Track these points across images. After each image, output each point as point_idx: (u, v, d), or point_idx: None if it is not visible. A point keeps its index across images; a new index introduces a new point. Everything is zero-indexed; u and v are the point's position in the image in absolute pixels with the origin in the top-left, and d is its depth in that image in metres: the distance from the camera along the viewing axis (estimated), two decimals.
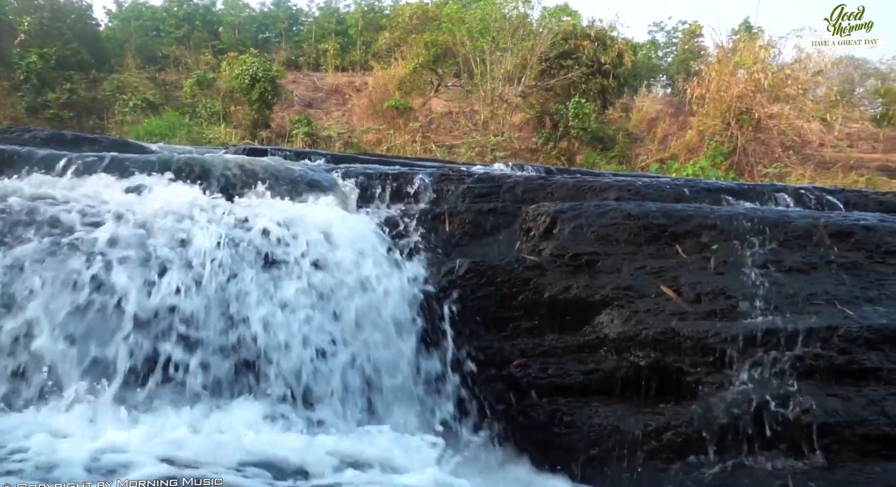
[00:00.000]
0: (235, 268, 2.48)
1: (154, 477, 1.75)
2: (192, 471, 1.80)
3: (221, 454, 1.94)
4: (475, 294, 2.83)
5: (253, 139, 16.29)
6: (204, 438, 2.05)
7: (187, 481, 1.74)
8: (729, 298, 2.67)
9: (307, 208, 2.91)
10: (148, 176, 3.05)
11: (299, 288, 2.54)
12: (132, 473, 1.77)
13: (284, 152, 4.85)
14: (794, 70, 15.52)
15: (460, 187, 3.34)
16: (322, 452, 2.11)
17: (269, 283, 2.50)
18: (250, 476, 1.87)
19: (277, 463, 1.95)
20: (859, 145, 18.02)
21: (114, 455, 1.86)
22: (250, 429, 2.16)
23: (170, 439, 2.00)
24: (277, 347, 2.36)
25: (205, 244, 2.49)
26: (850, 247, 2.86)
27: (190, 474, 1.78)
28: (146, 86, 18.98)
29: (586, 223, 2.97)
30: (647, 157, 16.75)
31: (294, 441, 2.14)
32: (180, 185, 3.04)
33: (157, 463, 1.83)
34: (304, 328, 2.46)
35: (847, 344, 2.40)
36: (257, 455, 1.97)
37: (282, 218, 2.74)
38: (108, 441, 1.92)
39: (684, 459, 2.33)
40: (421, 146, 16.53)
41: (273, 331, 2.37)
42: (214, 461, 1.90)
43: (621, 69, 17.25)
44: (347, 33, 23.78)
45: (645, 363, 2.58)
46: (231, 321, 2.37)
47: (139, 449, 1.89)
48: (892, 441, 2.23)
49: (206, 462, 1.89)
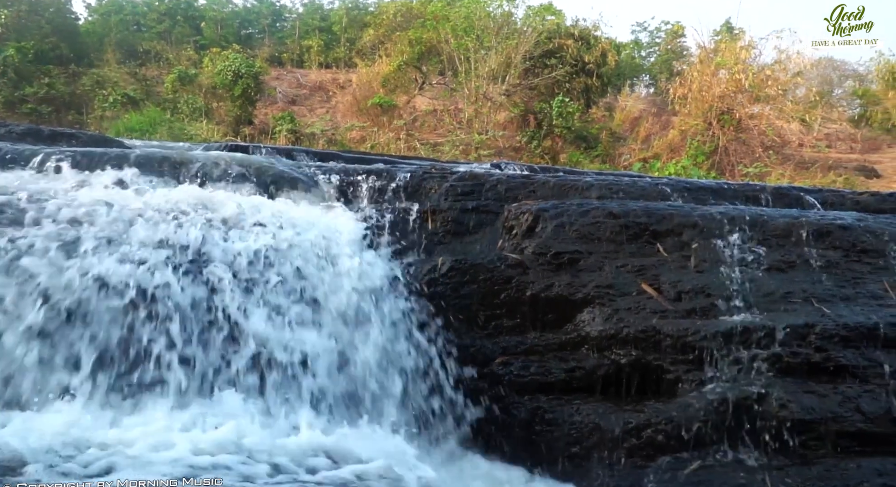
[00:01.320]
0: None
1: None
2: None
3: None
4: (457, 292, 2.83)
5: (236, 136, 16.15)
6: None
7: (187, 481, 1.74)
8: (709, 296, 2.69)
9: (286, 206, 2.89)
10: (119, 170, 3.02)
11: (278, 287, 2.52)
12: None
13: (266, 149, 4.81)
14: (775, 71, 15.72)
15: (443, 185, 3.34)
16: (300, 447, 2.10)
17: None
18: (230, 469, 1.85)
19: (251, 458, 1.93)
20: (838, 146, 18.31)
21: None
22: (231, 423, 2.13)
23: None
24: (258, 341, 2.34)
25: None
26: (828, 246, 2.90)
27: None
28: (126, 81, 18.71)
29: (568, 222, 2.98)
30: (630, 156, 16.87)
31: (271, 436, 2.12)
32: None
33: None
34: (283, 326, 2.44)
35: (823, 342, 2.44)
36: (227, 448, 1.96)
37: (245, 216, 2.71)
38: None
39: (664, 456, 2.35)
40: (405, 144, 16.49)
41: (250, 328, 2.35)
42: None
43: (605, 68, 17.35)
44: (331, 30, 23.65)
45: (626, 362, 2.60)
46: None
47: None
48: (866, 437, 2.27)
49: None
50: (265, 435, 2.10)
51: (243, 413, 2.18)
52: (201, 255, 2.48)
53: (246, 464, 1.90)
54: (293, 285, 2.51)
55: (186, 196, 2.80)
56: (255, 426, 2.13)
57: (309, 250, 2.62)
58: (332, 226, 2.83)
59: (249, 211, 2.76)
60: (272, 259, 2.54)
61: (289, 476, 1.90)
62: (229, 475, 1.82)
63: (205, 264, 2.45)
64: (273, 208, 2.84)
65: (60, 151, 3.14)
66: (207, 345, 2.28)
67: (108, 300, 2.27)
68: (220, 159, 3.27)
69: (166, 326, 2.26)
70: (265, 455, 1.98)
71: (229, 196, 2.88)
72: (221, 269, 2.45)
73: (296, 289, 2.51)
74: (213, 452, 1.93)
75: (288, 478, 1.88)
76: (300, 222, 2.74)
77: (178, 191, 2.89)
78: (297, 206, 2.96)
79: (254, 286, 2.46)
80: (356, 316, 2.58)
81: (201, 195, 2.84)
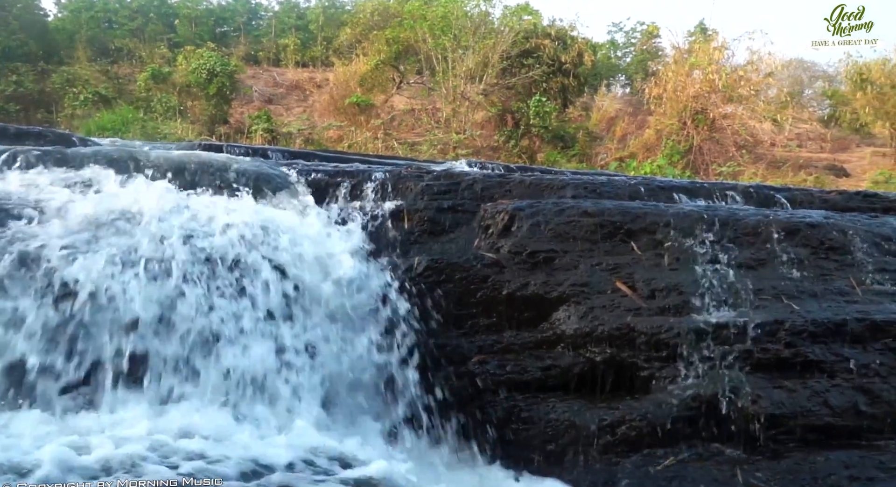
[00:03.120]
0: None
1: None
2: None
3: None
4: (433, 292, 2.83)
5: (211, 135, 15.96)
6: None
7: (187, 481, 1.72)
8: (682, 294, 2.73)
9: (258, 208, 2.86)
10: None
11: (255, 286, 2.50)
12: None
13: (241, 148, 4.76)
14: (747, 71, 16.00)
15: (419, 184, 3.33)
16: (276, 447, 2.09)
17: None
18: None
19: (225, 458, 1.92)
20: (808, 145, 18.69)
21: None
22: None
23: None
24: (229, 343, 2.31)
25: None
26: (797, 244, 2.95)
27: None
28: (98, 79, 18.38)
29: (544, 221, 3.00)
30: (606, 155, 17.03)
31: (247, 438, 2.11)
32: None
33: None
34: (261, 328, 2.41)
35: (792, 338, 2.49)
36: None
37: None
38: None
39: (638, 452, 2.38)
40: (383, 144, 16.45)
41: (222, 330, 2.32)
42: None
43: (581, 68, 17.50)
44: (308, 29, 23.49)
45: (601, 359, 2.62)
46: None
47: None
48: (834, 430, 2.32)
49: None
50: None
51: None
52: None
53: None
54: (264, 285, 2.48)
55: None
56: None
57: (282, 250, 2.59)
58: (304, 227, 2.81)
59: (205, 213, 2.69)
60: (240, 257, 2.51)
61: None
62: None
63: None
64: (239, 209, 2.79)
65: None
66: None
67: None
68: (182, 157, 3.22)
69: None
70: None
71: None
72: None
73: (268, 289, 2.48)
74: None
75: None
76: (271, 224, 2.70)
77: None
78: (267, 207, 2.93)
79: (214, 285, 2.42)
80: (331, 317, 2.57)
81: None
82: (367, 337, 2.66)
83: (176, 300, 2.31)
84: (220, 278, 2.43)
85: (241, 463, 1.89)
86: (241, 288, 2.44)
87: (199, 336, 2.29)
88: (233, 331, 2.33)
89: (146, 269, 2.35)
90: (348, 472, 2.02)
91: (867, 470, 2.19)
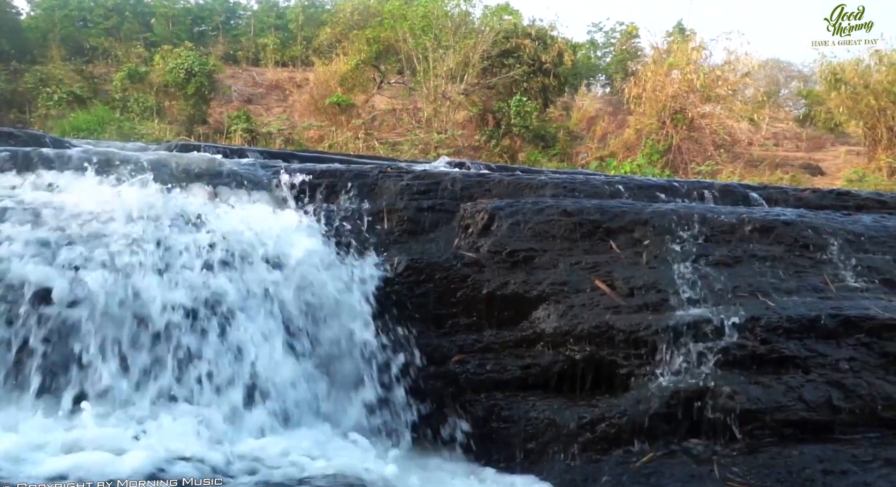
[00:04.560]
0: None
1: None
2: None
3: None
4: (413, 292, 2.83)
5: (189, 135, 15.78)
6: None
7: (187, 481, 1.72)
8: (660, 291, 2.75)
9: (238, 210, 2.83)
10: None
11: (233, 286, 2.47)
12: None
13: (219, 149, 4.71)
14: (724, 71, 16.20)
15: (399, 184, 3.32)
16: (257, 448, 2.08)
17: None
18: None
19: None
20: (784, 144, 18.98)
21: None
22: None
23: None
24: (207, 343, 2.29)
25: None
26: (772, 241, 2.99)
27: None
28: (72, 79, 18.06)
29: (523, 220, 3.01)
30: (587, 155, 17.14)
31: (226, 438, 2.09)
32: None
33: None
34: (238, 328, 2.39)
35: (768, 334, 2.52)
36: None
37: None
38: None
39: (618, 449, 2.39)
40: (364, 143, 16.40)
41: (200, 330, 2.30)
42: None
43: (561, 68, 17.59)
44: (287, 28, 23.33)
45: (580, 357, 2.63)
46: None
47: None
48: (808, 425, 2.35)
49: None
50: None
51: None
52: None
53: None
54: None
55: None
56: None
57: (257, 248, 2.57)
58: (282, 227, 2.78)
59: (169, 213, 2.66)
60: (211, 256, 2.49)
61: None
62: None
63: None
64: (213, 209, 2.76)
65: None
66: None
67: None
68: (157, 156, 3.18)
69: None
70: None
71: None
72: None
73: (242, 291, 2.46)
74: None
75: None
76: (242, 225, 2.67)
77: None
78: (242, 207, 2.90)
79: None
80: (309, 317, 2.55)
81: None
82: (347, 336, 2.65)
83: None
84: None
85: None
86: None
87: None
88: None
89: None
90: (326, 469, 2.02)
91: (840, 464, 2.23)
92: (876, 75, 14.89)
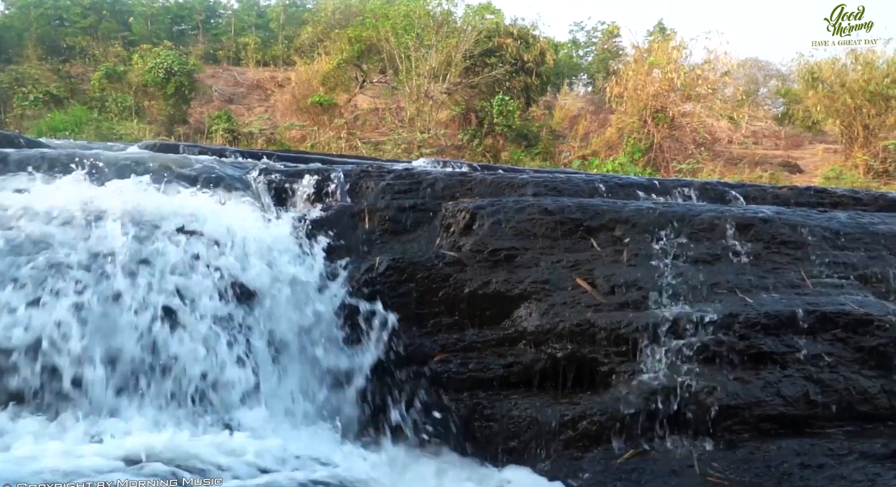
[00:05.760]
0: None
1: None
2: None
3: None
4: (395, 291, 2.82)
5: (169, 136, 15.62)
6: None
7: (187, 480, 1.72)
8: (640, 289, 2.76)
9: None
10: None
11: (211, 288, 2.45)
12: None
13: (199, 148, 4.67)
14: (704, 70, 16.37)
15: (380, 183, 3.31)
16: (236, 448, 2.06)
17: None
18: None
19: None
20: (763, 143, 19.20)
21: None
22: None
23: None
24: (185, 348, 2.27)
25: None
26: (750, 238, 3.02)
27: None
28: (49, 78, 17.80)
29: (505, 219, 3.01)
30: (569, 153, 17.22)
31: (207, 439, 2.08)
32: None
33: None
34: (216, 329, 2.37)
35: (746, 330, 2.55)
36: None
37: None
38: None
39: (599, 446, 2.41)
40: (346, 143, 16.34)
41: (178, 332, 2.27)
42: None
43: (544, 67, 17.66)
44: (268, 27, 23.17)
45: (562, 355, 2.64)
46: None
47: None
48: (786, 419, 2.38)
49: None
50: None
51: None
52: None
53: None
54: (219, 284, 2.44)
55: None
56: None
57: (239, 249, 2.55)
58: (263, 229, 2.76)
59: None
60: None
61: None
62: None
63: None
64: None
65: None
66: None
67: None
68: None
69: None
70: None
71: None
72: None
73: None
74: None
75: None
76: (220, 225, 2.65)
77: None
78: (222, 206, 2.87)
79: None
80: (289, 318, 2.54)
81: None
82: (329, 336, 2.64)
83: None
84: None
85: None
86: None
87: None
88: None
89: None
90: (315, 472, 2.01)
91: (817, 457, 2.26)
92: (852, 74, 15.13)
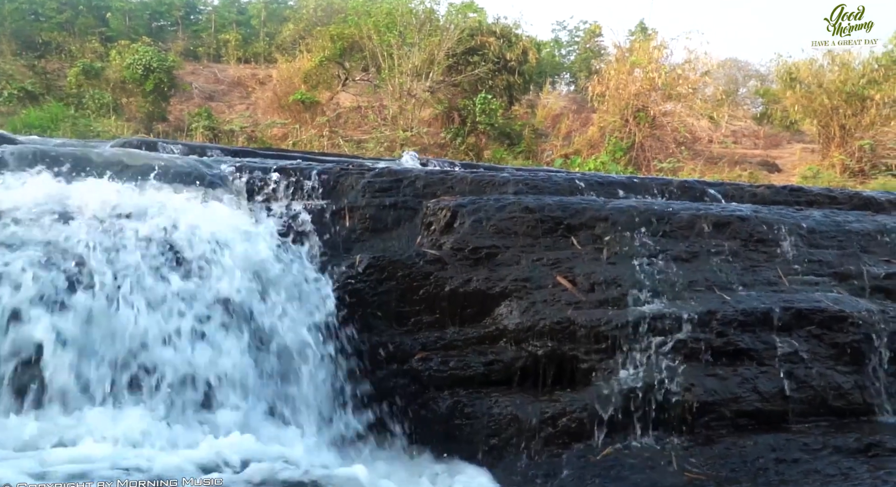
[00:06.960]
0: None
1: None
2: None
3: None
4: (376, 290, 2.81)
5: (148, 133, 15.41)
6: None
7: (187, 480, 1.72)
8: (620, 287, 2.79)
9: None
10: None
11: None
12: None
13: (177, 145, 4.61)
14: (685, 70, 16.53)
15: (360, 181, 3.29)
16: (219, 447, 2.05)
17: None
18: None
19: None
20: (743, 142, 19.45)
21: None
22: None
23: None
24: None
25: None
26: (728, 237, 3.06)
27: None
28: (23, 74, 17.45)
29: (486, 217, 3.01)
30: (552, 152, 17.30)
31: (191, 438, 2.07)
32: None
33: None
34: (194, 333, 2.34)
35: (724, 327, 2.58)
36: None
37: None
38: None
39: (578, 443, 2.42)
40: (329, 141, 16.25)
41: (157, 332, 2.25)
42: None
43: (526, 66, 17.70)
44: (250, 24, 22.95)
45: (542, 353, 2.65)
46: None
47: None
48: (762, 415, 2.42)
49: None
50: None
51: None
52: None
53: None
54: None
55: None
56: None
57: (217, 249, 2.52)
58: (242, 227, 2.73)
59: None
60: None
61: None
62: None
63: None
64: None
65: None
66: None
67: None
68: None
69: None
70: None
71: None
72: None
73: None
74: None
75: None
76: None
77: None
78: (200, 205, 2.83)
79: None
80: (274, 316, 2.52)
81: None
82: (310, 338, 2.62)
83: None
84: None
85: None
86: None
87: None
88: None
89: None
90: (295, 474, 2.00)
91: (792, 453, 2.29)
92: (829, 75, 15.37)
